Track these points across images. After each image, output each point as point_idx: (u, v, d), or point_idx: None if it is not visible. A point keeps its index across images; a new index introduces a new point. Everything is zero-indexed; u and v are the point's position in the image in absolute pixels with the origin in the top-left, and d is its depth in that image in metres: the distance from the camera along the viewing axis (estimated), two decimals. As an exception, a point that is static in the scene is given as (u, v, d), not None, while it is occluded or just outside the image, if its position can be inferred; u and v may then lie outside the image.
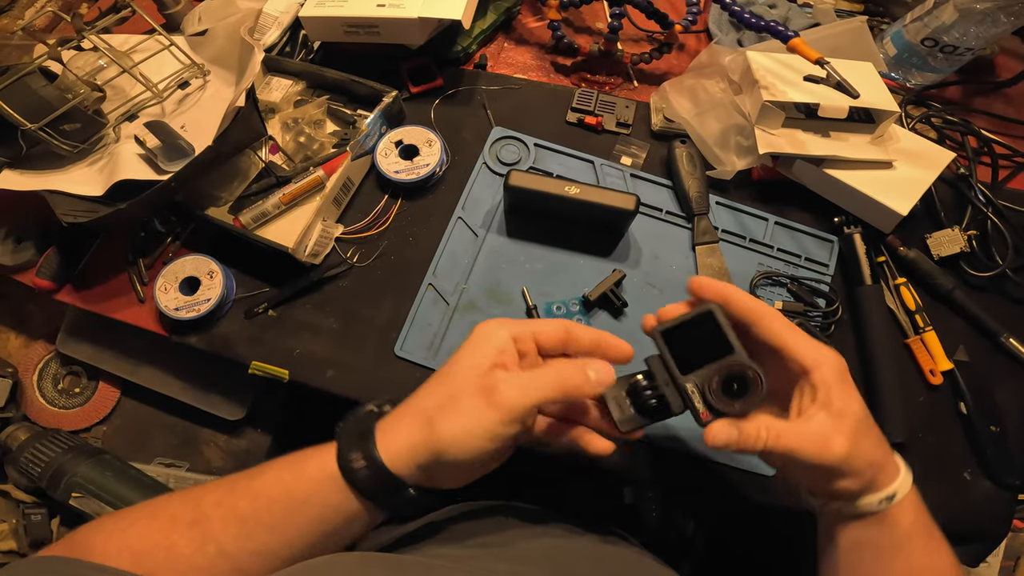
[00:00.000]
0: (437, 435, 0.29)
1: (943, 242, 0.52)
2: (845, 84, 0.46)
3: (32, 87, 0.48)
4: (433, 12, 0.52)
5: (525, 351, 0.32)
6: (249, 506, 0.31)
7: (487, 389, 0.29)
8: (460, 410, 0.29)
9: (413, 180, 0.53)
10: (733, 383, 0.30)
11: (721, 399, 0.30)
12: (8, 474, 0.61)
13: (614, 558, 0.40)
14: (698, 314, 0.31)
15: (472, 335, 0.32)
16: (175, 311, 0.49)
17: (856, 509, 0.32)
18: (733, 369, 0.30)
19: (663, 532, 0.68)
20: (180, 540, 0.30)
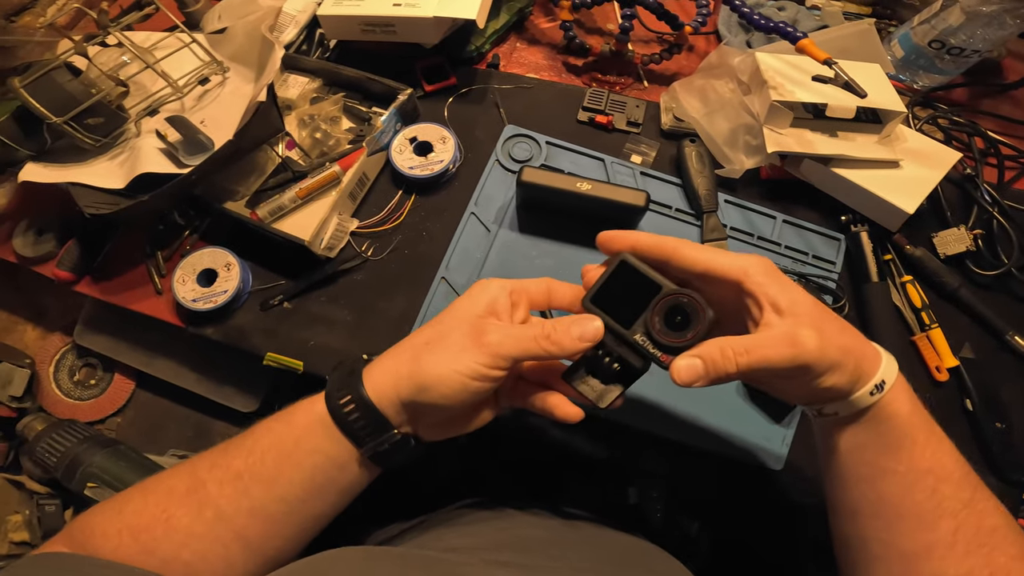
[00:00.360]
0: (422, 367, 0.30)
1: (949, 241, 0.53)
2: (853, 84, 0.47)
3: (58, 81, 0.49)
4: (448, 12, 0.53)
5: (517, 302, 0.33)
6: (243, 462, 0.31)
7: (477, 331, 0.30)
8: (447, 346, 0.30)
9: (427, 176, 0.54)
10: (675, 316, 0.29)
11: (669, 335, 0.29)
12: (23, 464, 0.62)
13: (618, 545, 0.41)
14: (614, 268, 0.31)
15: (470, 288, 0.33)
16: (192, 302, 0.50)
17: (852, 407, 0.30)
18: (667, 302, 0.29)
19: (667, 532, 0.69)
20: (177, 511, 0.30)
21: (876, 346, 0.31)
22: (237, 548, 0.31)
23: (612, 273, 0.31)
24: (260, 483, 0.30)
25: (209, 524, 0.30)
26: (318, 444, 0.31)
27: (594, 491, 0.67)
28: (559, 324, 0.30)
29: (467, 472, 0.64)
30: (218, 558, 0.30)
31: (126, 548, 0.29)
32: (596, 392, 0.32)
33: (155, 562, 0.29)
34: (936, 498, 0.29)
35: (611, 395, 0.32)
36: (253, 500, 0.30)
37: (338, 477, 0.32)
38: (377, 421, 0.30)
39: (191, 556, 0.30)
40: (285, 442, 0.31)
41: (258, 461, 0.31)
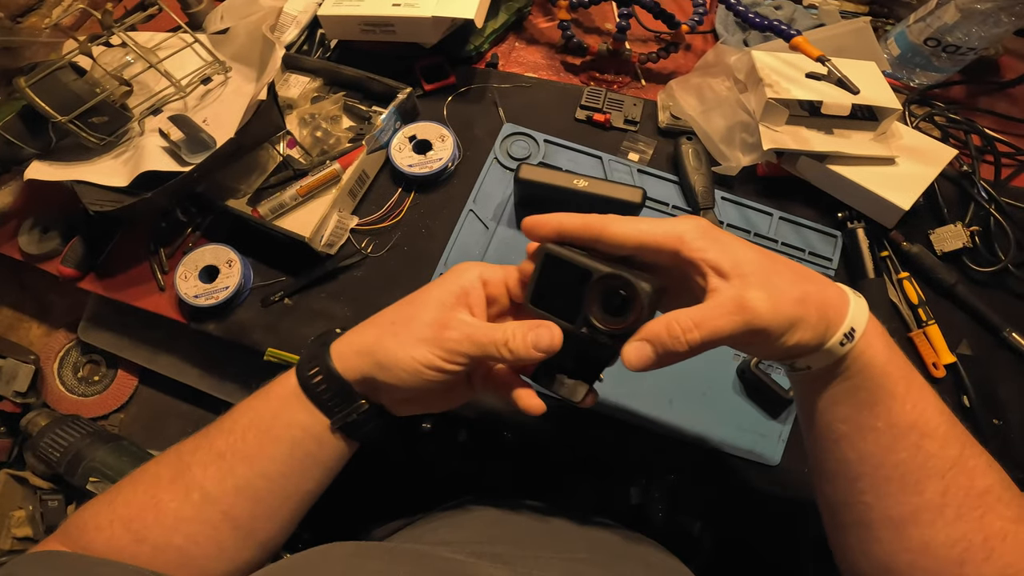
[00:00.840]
0: (383, 346, 0.30)
1: (946, 238, 0.53)
2: (845, 80, 0.47)
3: (63, 81, 0.50)
4: (446, 11, 0.54)
5: (495, 295, 0.32)
6: (224, 441, 0.31)
7: (440, 323, 0.30)
8: (410, 331, 0.30)
9: (426, 174, 0.54)
10: (615, 299, 0.27)
11: (611, 321, 0.27)
12: (27, 460, 0.63)
13: (614, 539, 0.41)
14: (542, 263, 0.29)
15: (448, 271, 0.32)
16: (194, 298, 0.51)
17: (823, 360, 0.27)
18: (598, 288, 0.27)
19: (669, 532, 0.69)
20: (165, 496, 0.31)
21: (842, 288, 0.28)
22: (226, 529, 0.31)
23: (542, 267, 0.29)
24: (242, 460, 0.31)
25: (197, 506, 0.30)
26: (294, 417, 0.31)
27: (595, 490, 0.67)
28: (517, 332, 0.29)
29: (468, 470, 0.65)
30: (208, 540, 0.31)
31: (119, 538, 0.30)
32: (567, 388, 0.31)
33: (148, 549, 0.30)
34: (920, 456, 0.27)
35: (582, 390, 0.31)
36: (237, 478, 0.31)
37: (317, 451, 0.32)
38: (344, 391, 0.31)
39: (182, 540, 0.30)
40: (263, 417, 0.32)
41: (239, 439, 0.31)
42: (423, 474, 0.64)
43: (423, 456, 0.65)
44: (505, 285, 0.32)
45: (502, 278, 0.32)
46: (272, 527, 0.33)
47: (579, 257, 0.28)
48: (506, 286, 0.32)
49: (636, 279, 0.27)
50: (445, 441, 0.66)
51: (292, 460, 0.32)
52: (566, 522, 0.41)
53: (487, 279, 0.32)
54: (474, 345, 0.29)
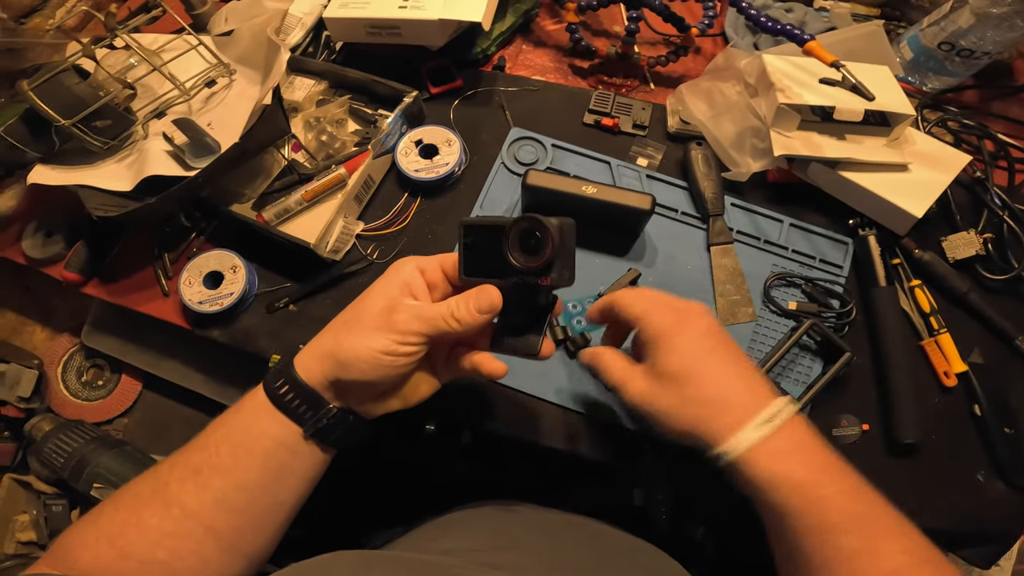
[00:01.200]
0: (340, 345, 0.32)
1: (958, 245, 0.52)
2: (860, 87, 0.46)
3: (66, 84, 0.50)
4: (453, 14, 0.53)
5: (434, 281, 0.35)
6: (199, 456, 0.32)
7: (388, 310, 0.32)
8: (363, 325, 0.32)
9: (432, 179, 0.54)
10: (530, 242, 0.31)
11: (532, 259, 0.30)
12: (30, 465, 0.63)
13: (616, 545, 0.41)
14: (462, 237, 0.33)
15: (388, 269, 0.35)
16: (199, 304, 0.51)
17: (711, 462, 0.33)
18: (514, 235, 0.31)
19: (672, 536, 0.69)
20: (145, 512, 0.31)
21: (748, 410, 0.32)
22: (209, 542, 0.32)
23: (463, 241, 0.33)
24: (218, 474, 0.32)
25: (177, 521, 0.31)
26: (265, 428, 0.32)
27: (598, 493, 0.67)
28: (459, 301, 0.32)
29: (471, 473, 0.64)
30: (192, 554, 0.31)
31: (104, 555, 0.30)
32: (525, 345, 0.34)
33: (133, 564, 0.30)
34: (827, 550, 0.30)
35: (535, 340, 0.34)
36: (215, 491, 0.31)
37: (291, 461, 0.33)
38: (310, 398, 0.32)
39: (166, 555, 0.31)
40: (235, 431, 0.33)
41: (213, 453, 0.32)
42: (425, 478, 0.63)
43: (426, 459, 0.65)
44: (441, 270, 0.35)
45: (437, 264, 0.35)
46: (255, 538, 0.33)
47: (489, 219, 0.32)
48: (442, 271, 0.35)
49: (541, 217, 0.30)
50: (448, 444, 0.66)
51: (267, 471, 0.32)
52: (569, 528, 0.41)
53: (423, 267, 0.34)
54: (423, 322, 0.31)
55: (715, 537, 0.69)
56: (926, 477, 0.48)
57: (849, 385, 0.50)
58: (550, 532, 0.40)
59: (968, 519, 0.48)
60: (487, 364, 0.34)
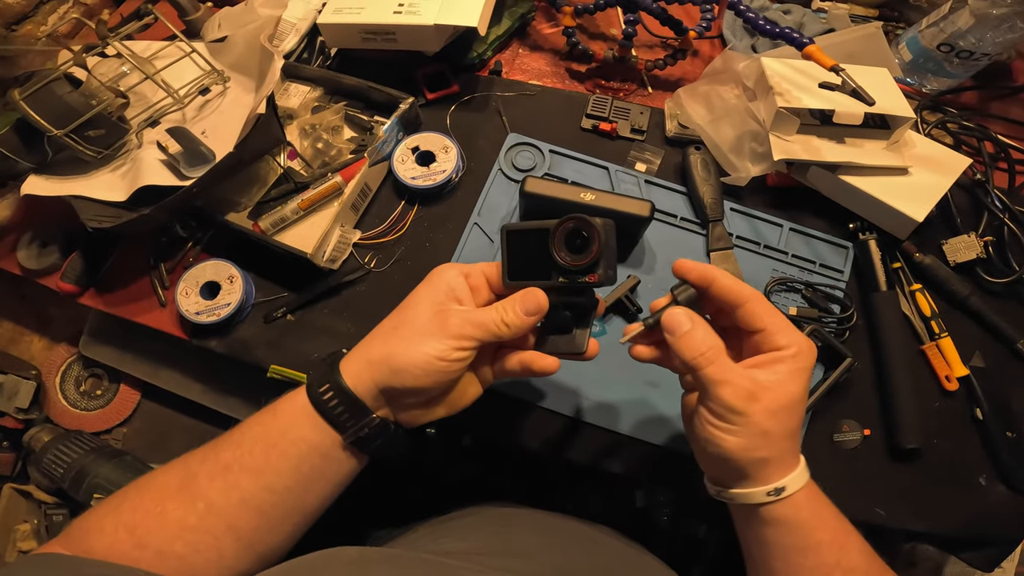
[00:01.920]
0: (392, 351, 0.32)
1: (959, 248, 0.52)
2: (860, 91, 0.46)
3: (58, 93, 0.49)
4: (449, 19, 0.53)
5: (476, 286, 0.35)
6: (231, 454, 0.32)
7: (441, 316, 0.32)
8: (415, 330, 0.32)
9: (430, 186, 0.53)
10: (576, 242, 0.31)
11: (579, 257, 0.31)
12: (31, 475, 0.62)
13: (615, 553, 0.41)
14: (506, 242, 0.33)
15: (428, 276, 0.35)
16: (196, 315, 0.50)
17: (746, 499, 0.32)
18: (560, 235, 0.31)
19: (674, 536, 0.69)
20: (170, 504, 0.31)
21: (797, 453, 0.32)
22: (229, 539, 0.31)
23: (507, 246, 0.33)
24: (249, 474, 0.31)
25: (201, 516, 0.31)
26: (302, 433, 0.32)
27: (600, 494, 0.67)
28: (507, 305, 0.32)
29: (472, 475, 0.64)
30: (210, 549, 0.31)
31: (121, 543, 0.30)
32: (570, 344, 0.34)
33: (149, 555, 0.30)
34: None
35: (582, 339, 0.34)
36: (243, 491, 0.31)
37: (323, 466, 0.33)
38: (355, 406, 0.32)
39: (184, 548, 0.31)
40: (271, 432, 0.32)
41: (246, 452, 0.32)
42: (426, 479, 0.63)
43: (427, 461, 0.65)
44: (484, 276, 0.35)
45: (480, 271, 0.35)
46: (273, 540, 0.33)
47: (532, 223, 0.32)
48: (484, 277, 0.35)
49: (586, 216, 0.31)
50: (449, 446, 0.66)
51: (298, 475, 0.32)
52: (569, 535, 0.41)
53: (467, 273, 0.34)
54: (475, 327, 0.31)
55: (717, 535, 0.69)
56: (928, 481, 0.48)
57: (850, 390, 0.50)
58: (549, 538, 0.40)
59: (970, 523, 0.48)
60: (538, 362, 0.34)
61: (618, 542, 0.42)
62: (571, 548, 0.39)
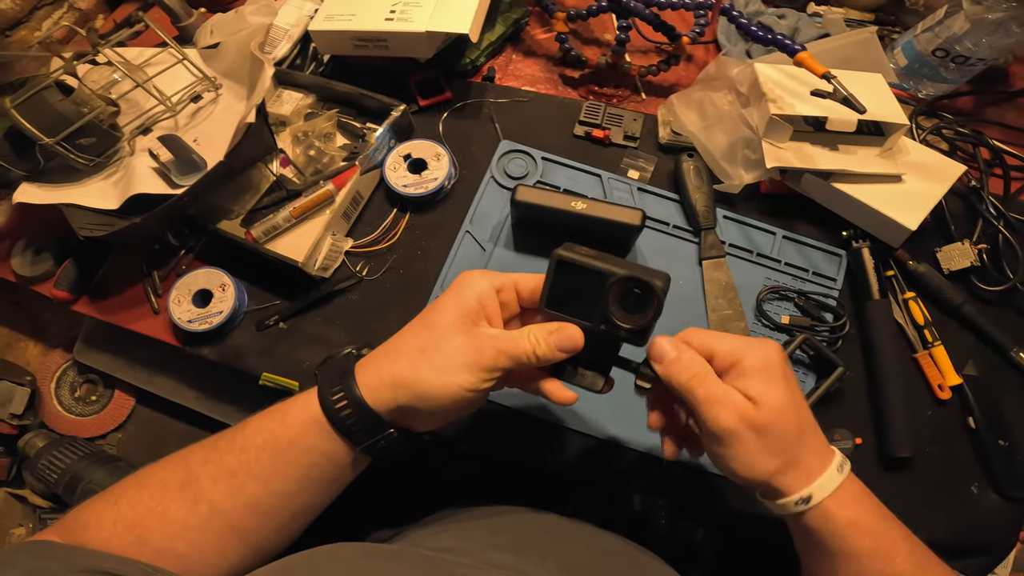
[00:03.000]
0: (420, 377, 0.30)
1: (953, 256, 0.52)
2: (852, 99, 0.46)
3: (49, 101, 0.49)
4: (440, 26, 0.53)
5: (506, 301, 0.33)
6: (236, 459, 0.31)
7: (473, 345, 0.30)
8: (444, 357, 0.30)
9: (422, 194, 0.53)
10: (631, 299, 0.30)
11: (632, 318, 0.30)
12: (26, 479, 0.63)
13: (614, 550, 0.40)
14: (554, 270, 0.31)
15: (456, 283, 0.33)
16: (188, 323, 0.50)
17: (779, 511, 0.32)
18: (616, 289, 0.30)
19: (672, 539, 0.69)
20: (172, 504, 0.31)
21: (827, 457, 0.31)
22: (232, 540, 0.31)
23: (555, 274, 0.31)
24: (255, 480, 0.31)
25: (204, 518, 0.31)
26: (313, 443, 0.31)
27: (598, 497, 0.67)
28: (541, 337, 0.31)
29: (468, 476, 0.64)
30: (211, 549, 0.31)
31: (120, 539, 0.30)
32: (587, 380, 0.34)
33: (149, 552, 0.30)
34: None
35: (600, 381, 0.33)
36: (248, 496, 0.31)
37: (333, 473, 0.33)
38: (373, 421, 0.31)
39: (185, 547, 0.31)
40: (280, 441, 0.32)
41: (252, 459, 0.31)
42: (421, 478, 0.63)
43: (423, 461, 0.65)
44: (515, 291, 0.33)
45: (512, 285, 0.33)
46: (276, 538, 0.33)
47: (592, 261, 0.30)
48: (516, 292, 0.33)
49: (651, 278, 0.29)
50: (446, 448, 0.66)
51: (307, 480, 0.32)
52: (569, 531, 0.41)
53: (499, 287, 0.33)
54: (508, 358, 0.31)
55: (715, 538, 0.69)
56: (920, 490, 0.48)
57: (843, 399, 0.49)
58: (550, 533, 0.40)
59: (962, 531, 0.48)
60: (559, 393, 0.33)
61: (620, 541, 0.42)
62: (573, 546, 0.39)
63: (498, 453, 0.49)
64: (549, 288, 0.31)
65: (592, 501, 0.66)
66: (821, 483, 0.30)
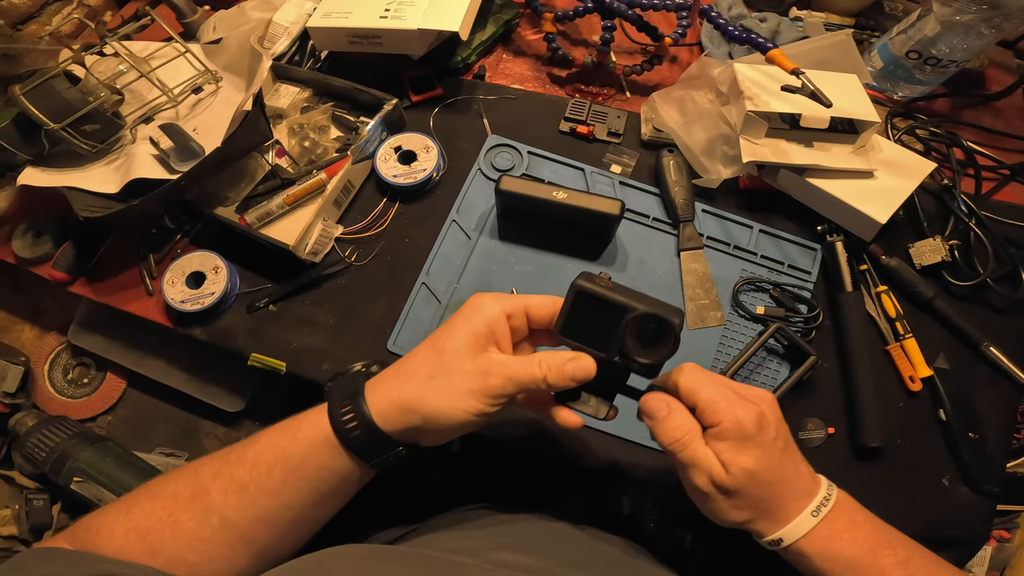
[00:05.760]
0: (428, 402, 0.31)
1: (925, 251, 0.53)
2: (818, 93, 0.47)
3: (56, 89, 0.51)
4: (432, 24, 0.55)
5: (517, 326, 0.33)
6: (247, 473, 0.32)
7: (481, 371, 0.31)
8: (452, 384, 0.31)
9: (410, 184, 0.55)
10: (647, 334, 0.30)
11: (648, 353, 0.30)
12: (14, 460, 0.64)
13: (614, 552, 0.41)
14: (573, 297, 0.31)
15: (466, 307, 0.33)
16: (181, 303, 0.52)
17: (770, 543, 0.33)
18: (635, 324, 0.30)
19: (661, 543, 0.69)
20: (183, 515, 0.32)
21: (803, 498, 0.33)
22: (242, 549, 0.32)
23: (572, 302, 0.31)
24: (267, 494, 0.32)
25: (215, 529, 0.31)
26: (324, 460, 0.32)
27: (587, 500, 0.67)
28: (554, 365, 0.31)
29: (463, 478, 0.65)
30: (223, 559, 0.32)
31: (132, 548, 0.31)
32: (592, 407, 0.34)
33: (160, 561, 0.31)
34: None
35: (604, 408, 0.34)
36: (259, 508, 0.32)
37: (341, 485, 0.33)
38: (382, 441, 0.32)
39: (197, 557, 0.31)
40: (291, 458, 0.32)
41: (263, 474, 0.32)
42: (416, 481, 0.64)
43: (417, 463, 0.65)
44: (526, 315, 0.33)
45: (523, 310, 0.33)
46: (285, 547, 0.34)
47: (613, 295, 0.31)
48: (527, 315, 0.33)
49: (669, 316, 0.30)
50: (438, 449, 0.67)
51: (317, 495, 0.33)
52: (568, 533, 0.42)
53: (510, 313, 0.33)
54: (516, 385, 0.31)
55: (704, 542, 0.69)
56: (892, 481, 0.49)
57: (816, 389, 0.50)
58: (552, 533, 0.41)
59: (934, 523, 0.48)
60: (568, 419, 0.34)
61: (621, 541, 0.42)
62: (574, 546, 0.40)
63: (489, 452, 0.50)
64: (566, 316, 0.32)
65: (581, 503, 0.66)
66: (790, 529, 0.32)
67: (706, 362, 0.50)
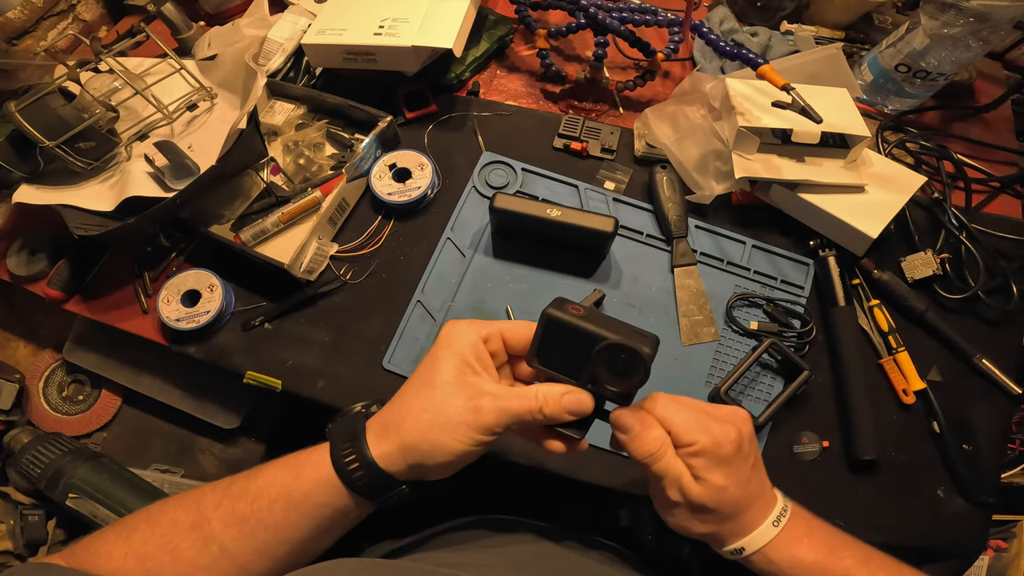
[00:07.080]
0: (426, 440, 0.31)
1: (917, 265, 0.54)
2: (808, 109, 0.48)
3: (51, 106, 0.52)
4: (426, 41, 0.55)
5: (494, 350, 0.34)
6: (248, 507, 0.32)
7: (474, 406, 0.31)
8: (448, 419, 0.31)
9: (405, 202, 0.55)
10: (617, 363, 0.30)
11: (619, 381, 0.30)
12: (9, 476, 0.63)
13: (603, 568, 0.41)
14: (544, 327, 0.31)
15: (442, 337, 0.33)
16: (176, 322, 0.52)
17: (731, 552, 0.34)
18: (604, 354, 0.30)
19: (659, 555, 0.69)
20: (183, 543, 0.32)
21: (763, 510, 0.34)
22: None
23: (544, 331, 0.32)
24: (267, 529, 0.32)
25: (214, 558, 0.32)
26: (326, 499, 0.33)
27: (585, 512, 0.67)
28: (551, 398, 0.32)
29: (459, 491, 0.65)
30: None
31: (130, 572, 0.31)
32: (573, 431, 0.34)
33: None
34: None
35: (582, 433, 0.34)
36: (258, 542, 0.32)
37: (343, 521, 0.34)
38: (385, 480, 0.32)
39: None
40: (293, 495, 0.33)
41: (264, 508, 0.32)
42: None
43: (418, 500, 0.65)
44: (501, 340, 0.34)
45: (498, 333, 0.34)
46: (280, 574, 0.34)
47: (583, 323, 0.31)
48: (503, 340, 0.34)
49: (639, 346, 0.30)
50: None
51: (318, 531, 0.33)
52: (559, 547, 0.42)
53: (485, 337, 0.33)
54: (511, 417, 0.31)
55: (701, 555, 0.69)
56: (887, 493, 0.49)
57: (810, 403, 0.51)
58: (543, 549, 0.41)
59: (929, 535, 0.49)
60: (554, 446, 0.35)
61: (609, 557, 0.43)
62: (565, 560, 0.40)
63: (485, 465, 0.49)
64: (538, 344, 0.32)
65: (578, 516, 0.66)
66: (752, 539, 0.33)
67: (700, 377, 0.51)
